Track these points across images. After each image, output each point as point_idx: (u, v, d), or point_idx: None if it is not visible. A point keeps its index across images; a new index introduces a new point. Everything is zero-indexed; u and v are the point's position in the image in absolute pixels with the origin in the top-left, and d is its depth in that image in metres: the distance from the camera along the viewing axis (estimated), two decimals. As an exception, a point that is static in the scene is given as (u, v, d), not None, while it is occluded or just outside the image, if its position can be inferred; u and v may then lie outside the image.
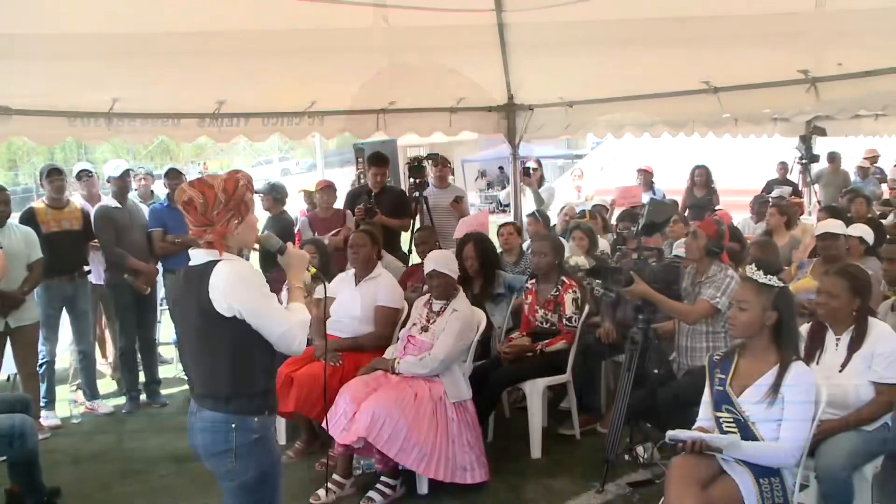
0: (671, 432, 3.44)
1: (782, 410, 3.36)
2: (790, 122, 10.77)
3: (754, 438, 3.38)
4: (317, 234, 7.02)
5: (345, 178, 17.11)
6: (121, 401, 6.83)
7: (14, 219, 6.09)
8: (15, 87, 5.64)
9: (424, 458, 4.51)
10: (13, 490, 4.62)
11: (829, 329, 3.95)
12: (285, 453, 5.13)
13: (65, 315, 6.42)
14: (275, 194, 7.83)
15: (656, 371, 4.74)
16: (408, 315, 5.32)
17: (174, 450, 5.66)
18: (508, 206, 9.34)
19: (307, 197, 9.95)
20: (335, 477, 4.77)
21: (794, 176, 12.15)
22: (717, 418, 3.53)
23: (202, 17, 5.48)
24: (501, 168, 28.41)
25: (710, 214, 8.00)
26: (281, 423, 5.45)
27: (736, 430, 3.44)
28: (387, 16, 6.03)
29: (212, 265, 2.84)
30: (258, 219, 3.19)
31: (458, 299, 4.98)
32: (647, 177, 10.37)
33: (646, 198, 8.92)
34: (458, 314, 4.85)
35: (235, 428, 2.89)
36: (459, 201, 8.10)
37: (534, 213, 8.31)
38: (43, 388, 6.19)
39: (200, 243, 2.91)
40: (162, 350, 7.94)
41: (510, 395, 6.11)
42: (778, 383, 3.36)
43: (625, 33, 6.35)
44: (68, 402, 6.69)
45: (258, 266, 5.57)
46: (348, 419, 4.52)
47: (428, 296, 5.13)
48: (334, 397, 4.71)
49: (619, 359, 5.37)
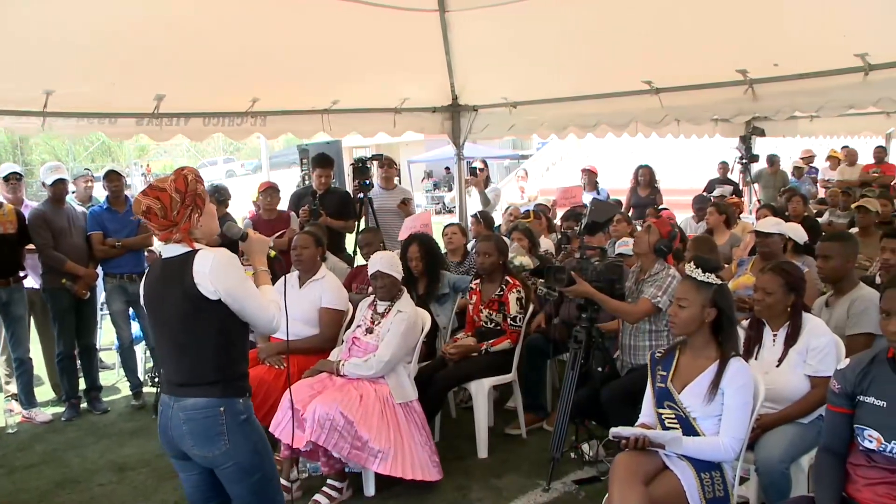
0: (614, 429, 3.47)
1: (722, 406, 3.41)
2: (730, 122, 11.00)
3: (695, 434, 3.43)
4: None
5: (291, 180, 16.96)
6: (60, 409, 6.67)
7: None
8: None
9: (380, 456, 4.48)
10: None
11: (766, 325, 4.04)
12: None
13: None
14: (218, 196, 7.69)
15: (600, 369, 4.79)
16: (352, 317, 5.29)
17: (116, 458, 5.58)
18: (455, 207, 9.34)
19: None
20: (281, 481, 4.70)
21: (735, 175, 12.40)
22: (660, 415, 3.57)
23: (138, 11, 5.34)
24: (448, 169, 28.38)
25: (657, 214, 8.11)
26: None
27: (677, 426, 3.48)
28: (330, 14, 5.99)
29: (192, 254, 2.95)
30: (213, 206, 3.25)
31: (402, 300, 4.97)
32: (591, 177, 10.47)
33: (590, 197, 9.01)
34: (402, 315, 4.84)
35: (224, 411, 2.98)
36: (406, 203, 8.12)
37: (477, 213, 8.33)
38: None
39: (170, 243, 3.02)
40: (103, 356, 7.79)
41: (456, 395, 6.12)
42: (717, 379, 3.42)
43: (567, 33, 6.41)
44: (3, 412, 6.51)
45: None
46: (294, 423, 4.47)
47: (372, 297, 5.10)
48: (279, 401, 4.67)
49: (564, 357, 5.41)
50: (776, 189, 11.95)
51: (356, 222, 7.70)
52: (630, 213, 9.46)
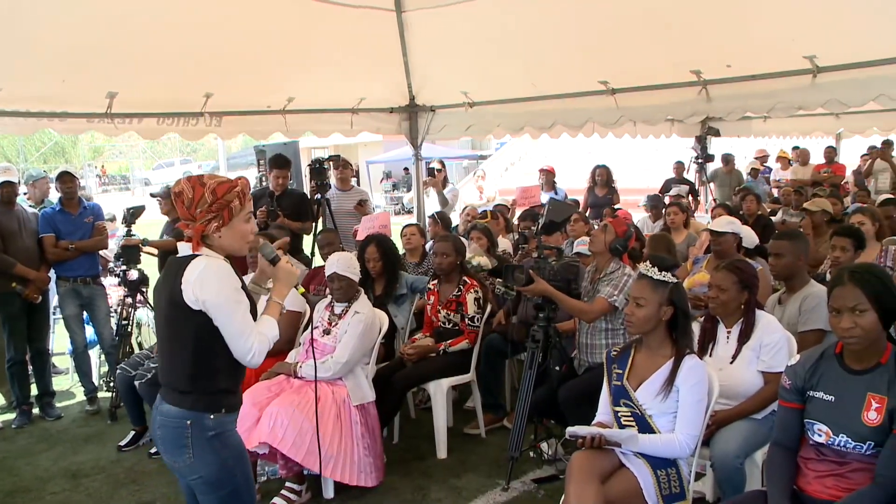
0: (570, 428, 3.50)
1: (677, 403, 3.45)
2: (685, 123, 11.12)
3: (651, 431, 3.47)
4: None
5: (249, 181, 16.85)
6: (11, 416, 6.52)
7: None
8: None
9: (331, 461, 4.48)
10: None
11: (721, 322, 4.09)
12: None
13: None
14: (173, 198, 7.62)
15: (558, 368, 4.81)
16: (310, 318, 5.26)
17: (69, 465, 5.48)
18: (413, 207, 9.34)
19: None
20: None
21: (691, 175, 12.56)
22: (616, 413, 3.60)
23: (89, 6, 5.24)
24: (406, 169, 28.33)
25: (613, 213, 8.17)
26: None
27: (634, 424, 3.52)
28: (286, 11, 5.95)
29: (190, 258, 2.89)
30: (256, 229, 3.20)
31: (359, 301, 4.95)
32: (549, 177, 10.51)
33: (547, 197, 9.06)
34: (359, 316, 4.83)
35: (191, 424, 2.90)
36: (363, 205, 8.10)
37: (434, 214, 8.33)
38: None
39: (186, 235, 2.95)
40: (57, 360, 7.66)
41: (415, 395, 6.12)
42: (672, 377, 3.45)
43: (524, 33, 6.43)
44: (-48, 419, 6.36)
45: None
46: (251, 425, 4.43)
47: (330, 298, 5.08)
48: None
49: (522, 357, 5.43)
50: (731, 188, 12.14)
51: (314, 223, 7.65)
52: (587, 213, 9.52)
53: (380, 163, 31.07)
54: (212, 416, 2.93)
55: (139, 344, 7.15)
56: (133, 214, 6.55)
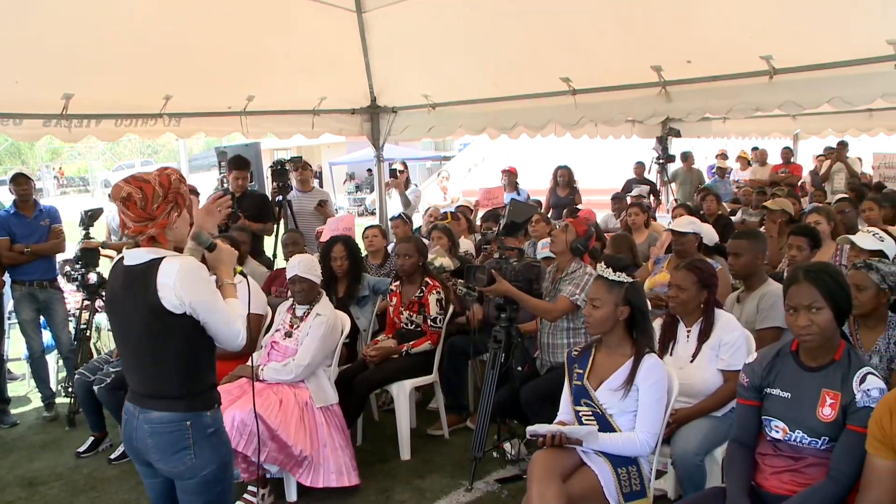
0: (531, 427, 3.51)
1: (637, 402, 3.48)
2: (646, 123, 11.21)
3: (612, 430, 3.49)
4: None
5: (210, 182, 16.68)
6: (-36, 423, 6.39)
7: None
8: None
9: (296, 463, 4.46)
10: None
11: (681, 321, 4.13)
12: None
13: None
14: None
15: (520, 368, 4.82)
16: (272, 320, 5.22)
17: (25, 472, 5.37)
18: (376, 209, 9.32)
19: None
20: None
21: (653, 175, 12.67)
22: (577, 412, 3.61)
23: (41, 5, 5.16)
24: (370, 171, 28.19)
25: (574, 213, 8.21)
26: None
27: (594, 423, 3.53)
28: (245, 8, 5.90)
29: (156, 262, 2.79)
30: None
31: (321, 304, 4.94)
32: (511, 177, 10.55)
33: (509, 198, 9.08)
34: (321, 318, 4.81)
35: (191, 425, 2.88)
36: (323, 205, 8.07)
37: (397, 215, 8.32)
38: None
39: (140, 241, 2.85)
40: (12, 366, 7.50)
41: (378, 397, 6.10)
42: (632, 376, 3.48)
43: (485, 34, 6.44)
44: None
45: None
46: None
47: (291, 301, 5.05)
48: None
49: (484, 358, 5.43)
50: (693, 186, 12.28)
51: (275, 225, 7.61)
52: (549, 214, 9.57)
53: (343, 164, 30.91)
54: (208, 413, 2.94)
55: (97, 349, 7.04)
56: (91, 217, 6.45)
